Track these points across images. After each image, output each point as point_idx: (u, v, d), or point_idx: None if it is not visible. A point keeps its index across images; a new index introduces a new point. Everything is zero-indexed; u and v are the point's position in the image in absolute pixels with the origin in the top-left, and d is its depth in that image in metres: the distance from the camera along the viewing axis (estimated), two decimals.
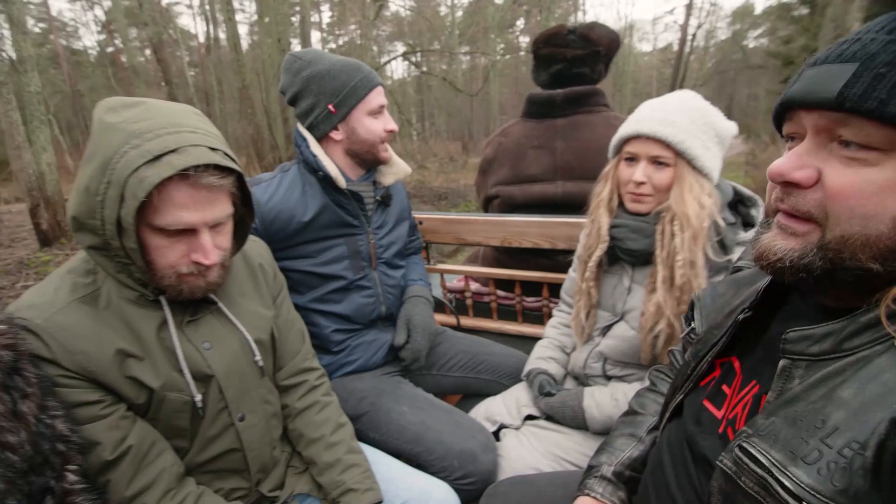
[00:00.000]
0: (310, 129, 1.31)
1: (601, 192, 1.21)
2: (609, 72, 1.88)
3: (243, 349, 0.96)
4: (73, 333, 0.78)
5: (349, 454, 1.07)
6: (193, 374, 0.87)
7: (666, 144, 1.06)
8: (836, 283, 0.54)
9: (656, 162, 1.09)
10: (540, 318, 1.84)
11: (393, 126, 1.33)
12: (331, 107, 1.27)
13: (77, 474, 0.72)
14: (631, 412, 1.00)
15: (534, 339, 1.54)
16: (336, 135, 1.30)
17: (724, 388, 0.70)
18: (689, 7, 17.71)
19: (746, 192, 1.18)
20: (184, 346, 0.87)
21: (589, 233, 1.24)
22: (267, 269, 1.09)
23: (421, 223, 1.81)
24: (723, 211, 1.11)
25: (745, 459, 0.55)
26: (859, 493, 0.46)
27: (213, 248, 0.84)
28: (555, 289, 1.73)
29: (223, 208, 0.85)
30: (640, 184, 1.11)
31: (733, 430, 0.64)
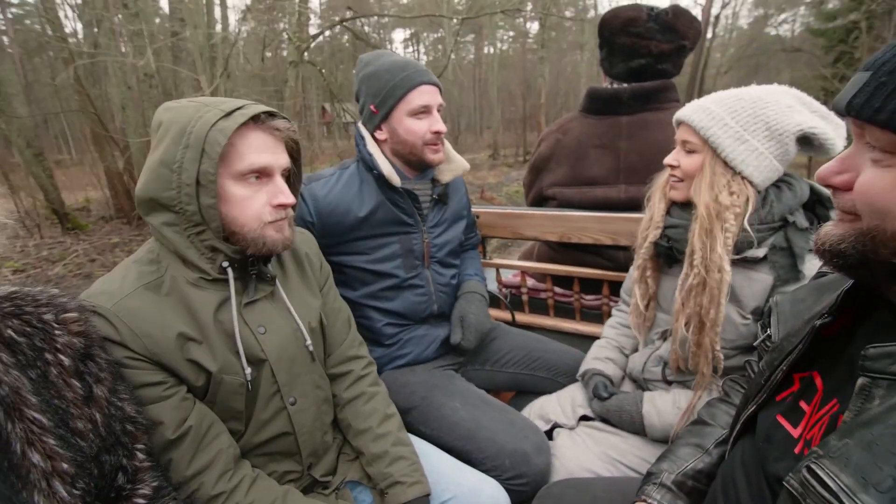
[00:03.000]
0: (364, 126, 1.31)
1: (660, 179, 1.15)
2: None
3: (294, 334, 0.95)
4: (139, 317, 0.79)
5: (396, 446, 1.02)
6: (247, 358, 0.87)
7: (694, 130, 1.01)
8: (874, 277, 0.54)
9: (686, 147, 1.04)
10: (599, 316, 1.71)
11: (440, 127, 1.26)
12: (372, 107, 1.25)
13: (144, 453, 0.73)
14: (700, 422, 0.91)
15: (591, 338, 1.42)
16: (380, 134, 1.28)
17: (803, 404, 0.64)
18: None
19: (825, 191, 1.02)
20: (240, 328, 0.87)
21: (646, 219, 1.16)
22: (313, 259, 1.08)
23: (478, 217, 1.74)
24: (796, 213, 0.99)
25: (813, 482, 0.51)
26: None
27: (288, 190, 0.89)
28: (615, 287, 1.60)
29: (287, 158, 0.90)
30: (673, 167, 1.07)
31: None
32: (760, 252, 0.99)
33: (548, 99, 19.40)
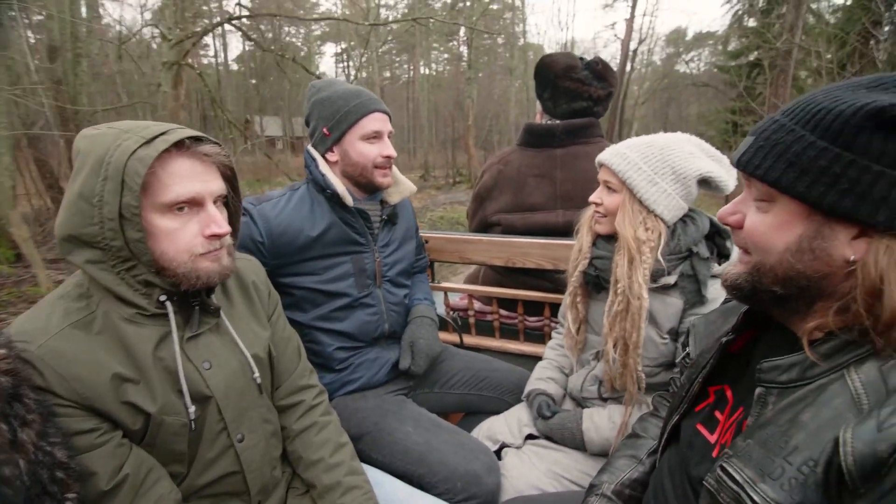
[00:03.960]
0: (314, 148, 1.33)
1: (586, 213, 1.26)
2: None
3: (242, 367, 0.91)
4: (67, 360, 0.73)
5: (349, 476, 1.00)
6: (192, 395, 0.82)
7: (613, 172, 1.11)
8: (763, 303, 0.65)
9: (608, 187, 1.15)
10: (541, 337, 1.79)
11: (390, 152, 1.31)
12: (325, 130, 1.28)
13: (76, 502, 0.67)
14: (633, 435, 0.99)
15: (535, 358, 1.48)
16: (331, 156, 1.31)
17: (717, 413, 0.72)
18: (631, 19, 17.30)
19: (722, 224, 1.17)
20: (184, 364, 0.82)
21: (576, 249, 1.27)
22: (261, 288, 1.05)
23: (427, 242, 1.78)
24: (699, 245, 1.13)
25: (725, 477, 0.59)
26: None
27: (222, 218, 0.83)
28: (556, 309, 1.69)
29: (221, 184, 0.85)
30: (597, 205, 1.17)
31: None
32: (672, 279, 1.11)
33: (476, 121, 19.29)
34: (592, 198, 1.18)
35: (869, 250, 0.54)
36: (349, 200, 1.27)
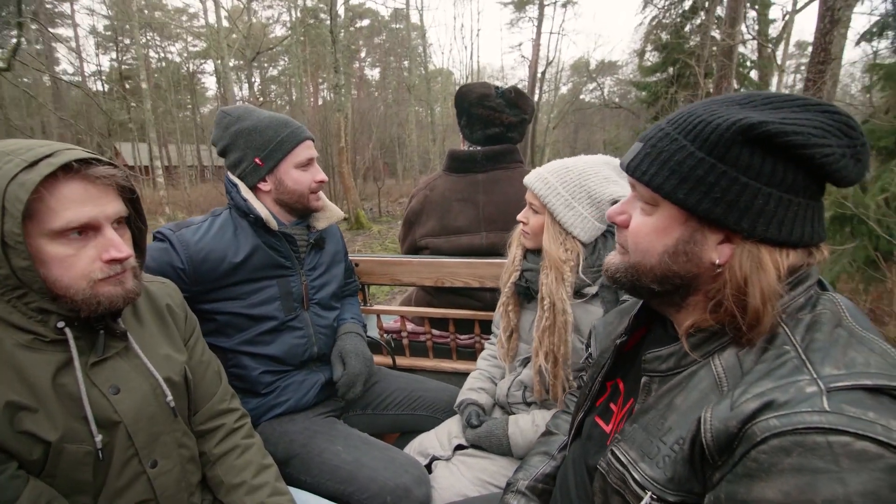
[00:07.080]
0: (239, 179, 1.31)
1: (516, 231, 1.35)
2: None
3: (153, 390, 0.89)
4: None
5: (273, 496, 0.98)
6: (98, 422, 0.79)
7: (535, 195, 1.20)
8: (641, 295, 0.71)
9: (532, 208, 1.24)
10: (472, 354, 1.84)
11: (322, 177, 1.35)
12: (257, 160, 1.28)
13: None
14: (547, 432, 1.05)
15: (468, 375, 1.54)
16: (264, 186, 1.31)
17: (612, 405, 0.79)
18: (538, 39, 17.78)
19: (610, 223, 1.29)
20: (88, 390, 0.79)
21: (508, 262, 1.35)
22: (176, 311, 1.02)
23: (357, 265, 1.81)
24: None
25: (613, 460, 0.65)
26: (682, 479, 0.57)
27: (122, 241, 0.80)
28: (485, 325, 1.77)
29: (119, 205, 0.81)
30: (524, 223, 1.26)
31: None
32: (593, 290, 1.21)
33: (355, 142, 16.86)
34: (520, 217, 1.26)
35: (733, 255, 0.58)
36: (274, 225, 1.28)
